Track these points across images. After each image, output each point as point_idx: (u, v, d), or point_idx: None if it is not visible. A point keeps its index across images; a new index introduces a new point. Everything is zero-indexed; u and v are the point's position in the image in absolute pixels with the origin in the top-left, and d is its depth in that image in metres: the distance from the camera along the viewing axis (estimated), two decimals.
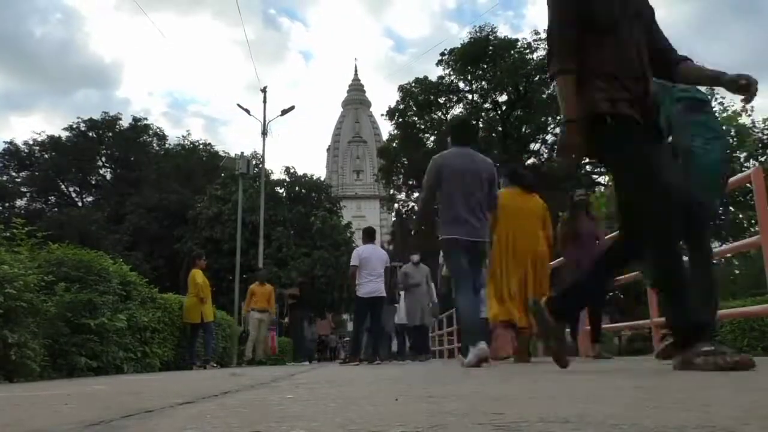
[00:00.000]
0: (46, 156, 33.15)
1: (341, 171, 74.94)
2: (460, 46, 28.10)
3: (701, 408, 1.14)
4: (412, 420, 1.10)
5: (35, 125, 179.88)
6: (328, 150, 78.45)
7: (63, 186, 35.15)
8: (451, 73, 28.52)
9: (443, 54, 28.20)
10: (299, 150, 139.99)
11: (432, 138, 29.62)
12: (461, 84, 29.03)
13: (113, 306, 5.70)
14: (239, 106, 19.86)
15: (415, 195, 29.39)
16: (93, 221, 28.66)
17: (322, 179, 32.77)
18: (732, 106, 12.11)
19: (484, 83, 28.29)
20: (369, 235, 7.46)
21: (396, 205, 34.46)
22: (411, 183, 29.91)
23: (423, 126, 29.83)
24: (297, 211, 27.44)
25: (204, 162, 33.40)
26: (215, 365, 8.62)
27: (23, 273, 4.31)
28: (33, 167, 33.43)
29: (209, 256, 14.14)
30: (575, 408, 1.22)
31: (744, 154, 10.17)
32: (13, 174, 33.50)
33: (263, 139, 20.30)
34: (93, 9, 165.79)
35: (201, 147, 35.32)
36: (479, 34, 27.89)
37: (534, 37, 27.31)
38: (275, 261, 24.25)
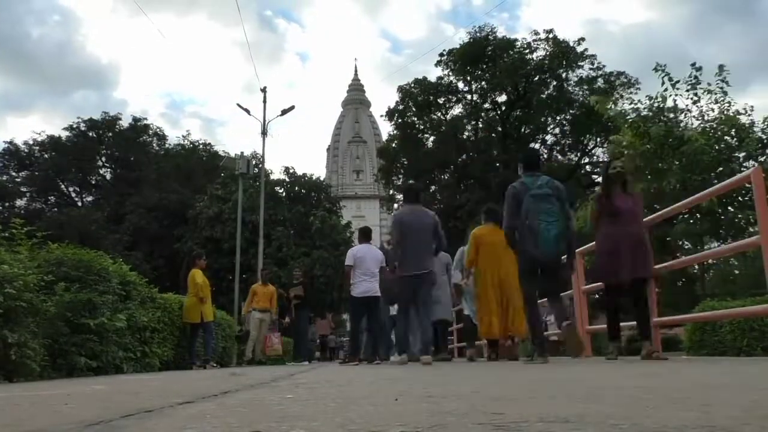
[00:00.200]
0: (45, 156, 33.05)
1: (341, 171, 74.94)
2: (459, 46, 28.02)
3: (701, 408, 1.14)
4: (412, 420, 1.10)
5: (33, 126, 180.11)
6: (327, 150, 78.47)
7: (63, 186, 35.08)
8: (450, 74, 28.47)
9: (442, 54, 28.15)
10: (299, 150, 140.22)
11: (431, 138, 29.61)
12: (460, 84, 28.97)
13: (113, 306, 5.69)
14: (239, 106, 19.90)
15: None
16: (93, 221, 28.59)
17: (321, 179, 32.76)
18: (731, 103, 12.08)
19: (483, 83, 28.21)
20: (365, 235, 7.44)
21: (396, 205, 34.42)
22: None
23: (422, 126, 29.78)
24: (297, 211, 27.43)
25: (204, 162, 33.34)
26: (215, 365, 8.60)
27: (23, 273, 4.31)
28: (33, 167, 33.32)
29: (209, 255, 14.10)
30: (575, 408, 1.22)
31: (743, 154, 10.13)
32: (13, 174, 33.39)
33: (263, 139, 20.32)
34: (90, 11, 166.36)
35: (201, 147, 35.26)
36: (478, 34, 27.84)
37: (533, 37, 27.29)
38: (275, 261, 24.24)
